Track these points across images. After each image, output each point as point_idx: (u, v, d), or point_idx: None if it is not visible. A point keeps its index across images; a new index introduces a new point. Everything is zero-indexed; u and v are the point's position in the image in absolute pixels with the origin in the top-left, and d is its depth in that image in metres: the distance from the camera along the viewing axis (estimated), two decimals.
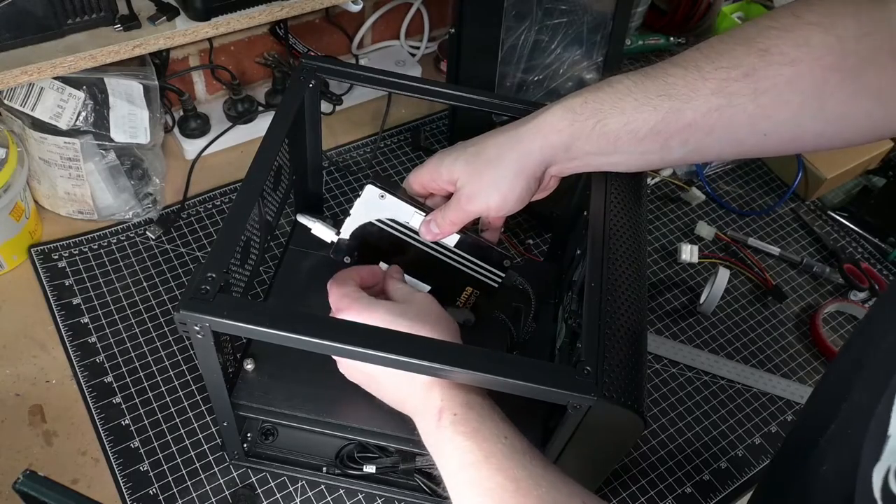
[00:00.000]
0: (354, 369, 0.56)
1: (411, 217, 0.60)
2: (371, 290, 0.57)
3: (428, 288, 0.62)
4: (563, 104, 0.53)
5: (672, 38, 1.15)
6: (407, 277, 0.61)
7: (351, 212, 0.60)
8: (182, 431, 0.70)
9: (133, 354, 0.74)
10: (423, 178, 0.60)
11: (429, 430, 0.50)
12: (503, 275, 0.62)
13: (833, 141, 0.51)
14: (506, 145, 0.55)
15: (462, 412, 0.48)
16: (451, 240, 0.60)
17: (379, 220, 0.60)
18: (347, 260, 0.62)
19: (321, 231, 0.63)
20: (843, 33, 0.47)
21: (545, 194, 0.60)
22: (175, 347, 0.76)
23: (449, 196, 0.60)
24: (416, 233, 0.60)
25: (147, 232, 0.84)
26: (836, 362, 0.50)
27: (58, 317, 0.76)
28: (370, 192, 0.59)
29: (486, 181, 0.55)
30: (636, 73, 0.52)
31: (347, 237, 0.61)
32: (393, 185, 0.60)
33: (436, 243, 0.60)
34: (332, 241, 0.62)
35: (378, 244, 0.61)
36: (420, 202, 0.61)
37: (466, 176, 0.56)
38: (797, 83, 0.48)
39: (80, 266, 0.81)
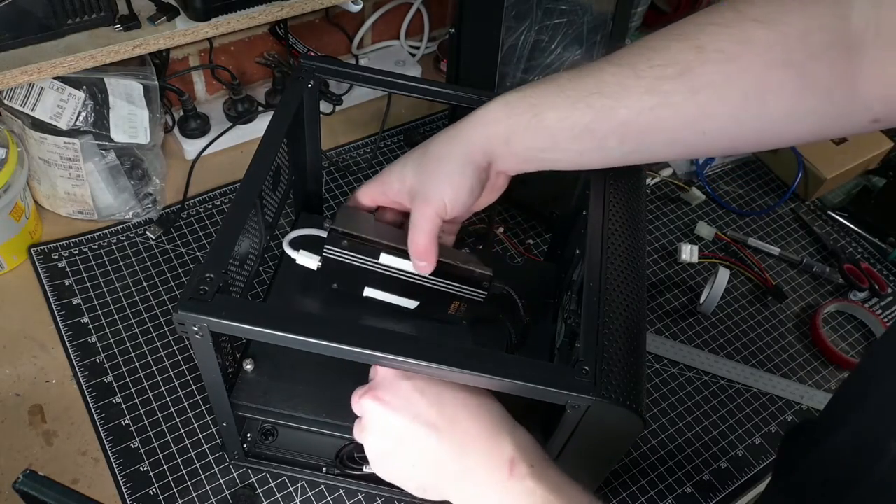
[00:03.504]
0: (383, 433, 0.52)
1: (378, 256, 0.59)
2: None
3: (416, 303, 0.62)
4: (501, 99, 0.54)
5: None
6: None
7: (322, 253, 0.59)
8: (182, 431, 0.70)
9: (133, 354, 0.75)
10: (372, 192, 0.60)
11: (493, 483, 0.46)
12: (485, 293, 0.62)
13: (777, 139, 0.50)
14: (450, 142, 0.55)
15: (539, 464, 0.46)
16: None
17: (352, 256, 0.59)
18: (335, 286, 0.61)
19: (305, 260, 0.61)
20: (787, 29, 0.45)
21: (497, 195, 0.59)
22: (175, 347, 0.76)
23: (401, 209, 0.60)
24: (387, 267, 0.60)
25: (147, 232, 0.84)
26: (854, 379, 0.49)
27: (58, 317, 0.76)
28: (333, 236, 0.58)
29: (437, 177, 0.55)
30: (575, 70, 0.52)
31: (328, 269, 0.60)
32: (356, 220, 0.59)
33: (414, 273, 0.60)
34: (318, 268, 0.61)
35: (358, 273, 0.60)
36: (383, 237, 0.60)
37: (418, 179, 0.55)
38: (736, 81, 0.47)
39: (80, 266, 0.81)
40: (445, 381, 0.50)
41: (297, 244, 0.61)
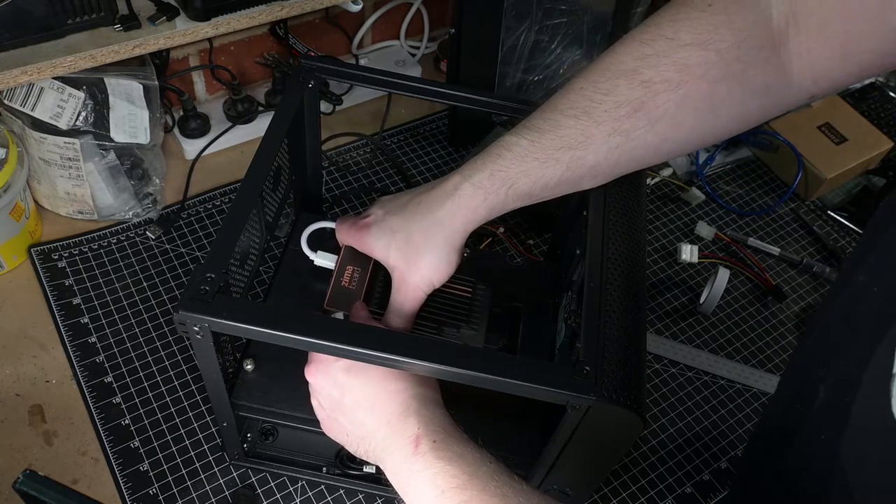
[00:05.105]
0: (320, 405, 0.55)
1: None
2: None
3: None
4: (472, 181, 0.54)
5: None
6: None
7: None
8: (182, 431, 0.70)
9: (133, 354, 0.75)
10: (350, 241, 0.62)
11: (402, 460, 0.48)
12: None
13: (728, 135, 0.54)
14: (431, 230, 0.56)
15: (442, 438, 0.47)
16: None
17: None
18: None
19: (323, 261, 0.65)
20: (721, 45, 0.48)
21: None
22: (175, 347, 0.76)
23: None
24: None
25: (147, 232, 0.84)
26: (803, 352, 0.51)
27: (58, 317, 0.76)
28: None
29: (424, 267, 0.57)
30: (528, 131, 0.53)
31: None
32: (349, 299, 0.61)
33: None
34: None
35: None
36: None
37: (404, 265, 0.57)
38: (687, 104, 0.49)
39: (80, 266, 0.81)
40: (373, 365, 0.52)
41: (311, 242, 0.65)
